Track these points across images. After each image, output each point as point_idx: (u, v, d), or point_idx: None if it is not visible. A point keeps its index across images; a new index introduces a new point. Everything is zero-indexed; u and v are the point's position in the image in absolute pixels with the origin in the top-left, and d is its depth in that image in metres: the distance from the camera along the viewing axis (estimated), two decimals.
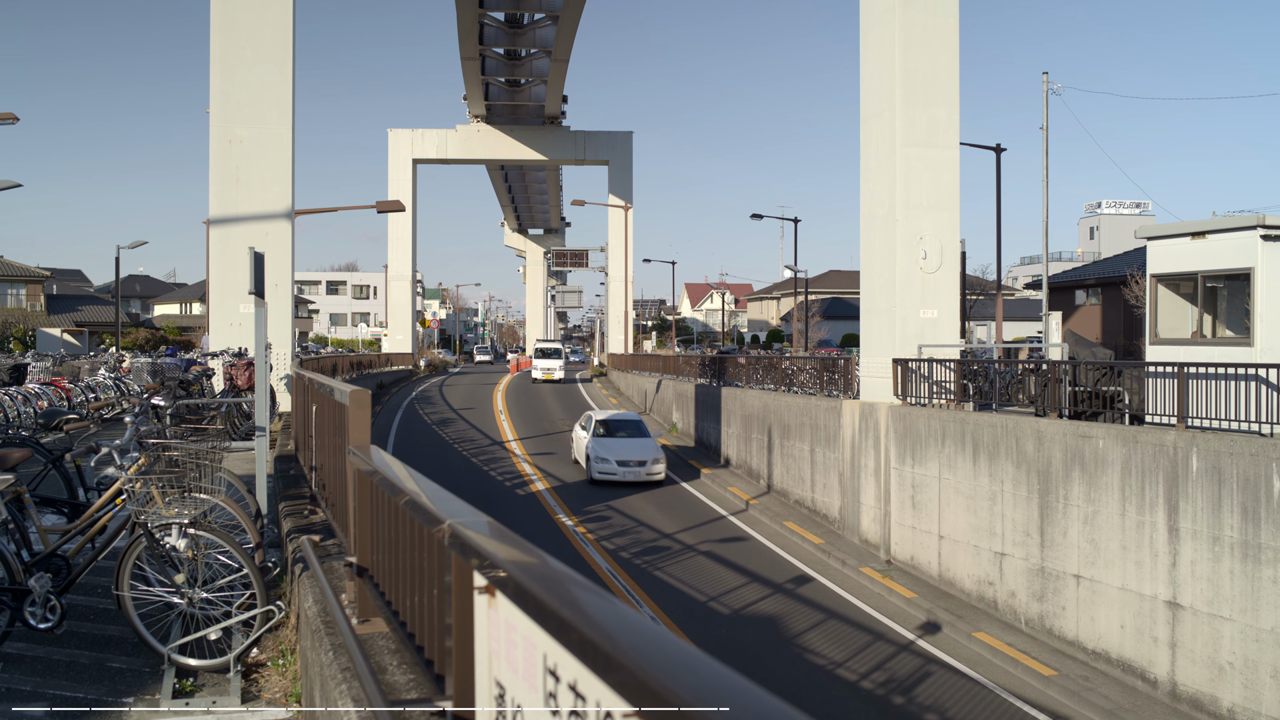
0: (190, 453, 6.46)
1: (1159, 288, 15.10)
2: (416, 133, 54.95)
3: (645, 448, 23.38)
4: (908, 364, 17.49)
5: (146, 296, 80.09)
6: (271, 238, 17.85)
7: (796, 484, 21.45)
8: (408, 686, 3.77)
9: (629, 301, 56.38)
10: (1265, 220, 13.35)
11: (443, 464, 24.79)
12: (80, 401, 17.57)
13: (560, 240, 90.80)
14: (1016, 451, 14.11)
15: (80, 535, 6.18)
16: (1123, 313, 35.21)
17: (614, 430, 24.23)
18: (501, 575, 2.21)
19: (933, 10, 17.97)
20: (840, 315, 74.14)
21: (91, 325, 56.88)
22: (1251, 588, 10.57)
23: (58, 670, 5.91)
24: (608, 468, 22.48)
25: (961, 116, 18.34)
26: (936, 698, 11.78)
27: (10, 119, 18.63)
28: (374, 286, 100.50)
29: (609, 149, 55.98)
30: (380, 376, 44.66)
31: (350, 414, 5.45)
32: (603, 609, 1.75)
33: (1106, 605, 12.43)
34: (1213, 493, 11.02)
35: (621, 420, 25.11)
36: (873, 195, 18.68)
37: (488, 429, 32.36)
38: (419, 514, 3.33)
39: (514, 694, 2.14)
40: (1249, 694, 10.56)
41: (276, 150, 18.35)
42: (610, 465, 22.48)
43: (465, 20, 42.67)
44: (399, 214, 42.59)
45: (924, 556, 16.30)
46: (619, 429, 24.40)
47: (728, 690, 1.30)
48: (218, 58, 18.17)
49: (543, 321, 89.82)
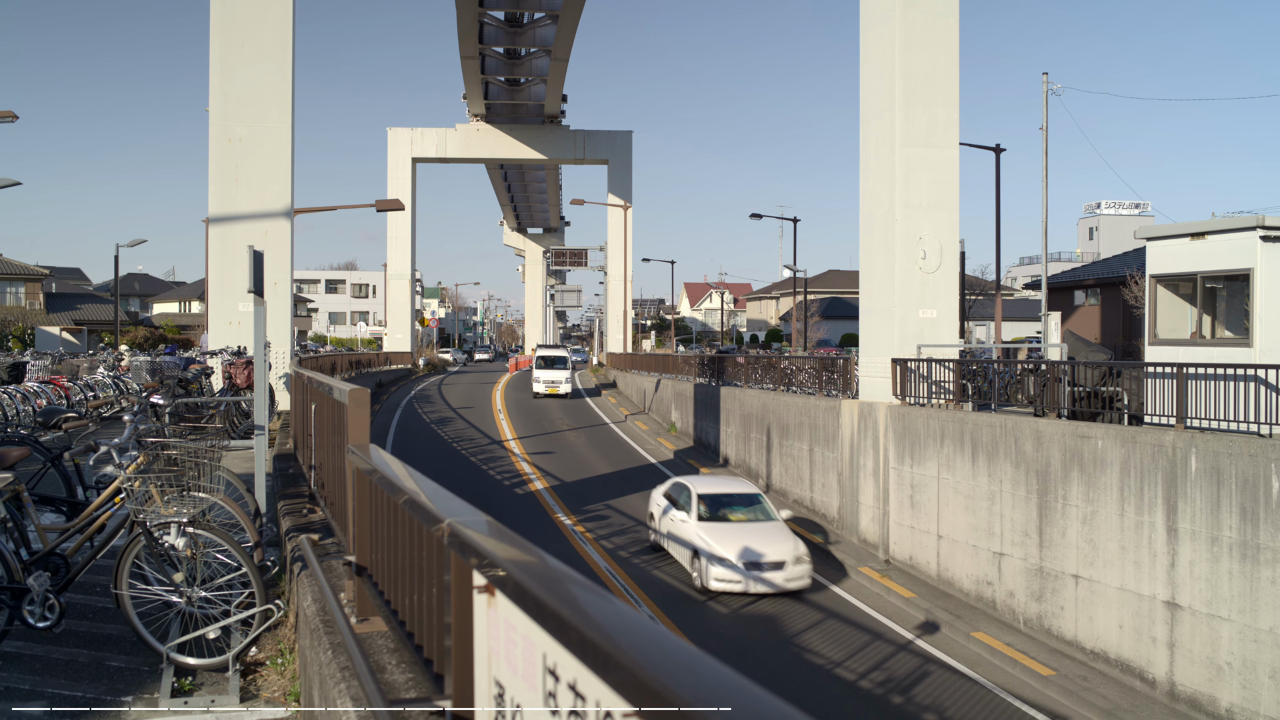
0: (189, 451, 6.46)
1: (1158, 288, 15.10)
2: (416, 131, 54.94)
3: (776, 537, 15.58)
4: (907, 364, 17.49)
5: (145, 295, 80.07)
6: (271, 236, 17.84)
7: (795, 483, 21.46)
8: (407, 686, 3.77)
9: (628, 301, 56.36)
10: (1264, 221, 13.36)
11: (442, 463, 24.78)
12: (79, 400, 17.56)
13: (559, 239, 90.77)
14: (1015, 451, 14.11)
15: (79, 534, 6.18)
16: (1122, 313, 35.23)
17: (723, 509, 16.41)
18: (501, 574, 2.21)
19: (932, 10, 17.97)
20: (839, 315, 74.13)
21: (90, 324, 56.85)
22: (1250, 588, 10.57)
23: (56, 669, 5.90)
24: (729, 574, 14.91)
25: (961, 117, 18.36)
26: (935, 697, 11.78)
27: (10, 117, 18.61)
28: (373, 285, 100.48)
29: (608, 148, 55.98)
30: (379, 375, 44.65)
31: (349, 413, 5.44)
32: (602, 608, 1.75)
33: (1105, 605, 12.43)
34: (1211, 493, 11.02)
35: (733, 495, 16.97)
36: (872, 195, 18.68)
37: (487, 428, 32.36)
38: (418, 513, 3.32)
39: (513, 693, 2.14)
40: (1247, 694, 10.57)
41: (276, 149, 18.34)
42: (732, 570, 14.91)
43: (465, 19, 42.66)
44: (398, 213, 42.62)
45: (923, 556, 16.30)
46: (730, 507, 16.55)
47: (728, 690, 1.30)
48: (217, 57, 18.16)
49: (542, 320, 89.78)
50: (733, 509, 16.48)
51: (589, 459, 26.97)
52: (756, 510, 16.58)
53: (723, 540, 15.25)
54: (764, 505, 16.77)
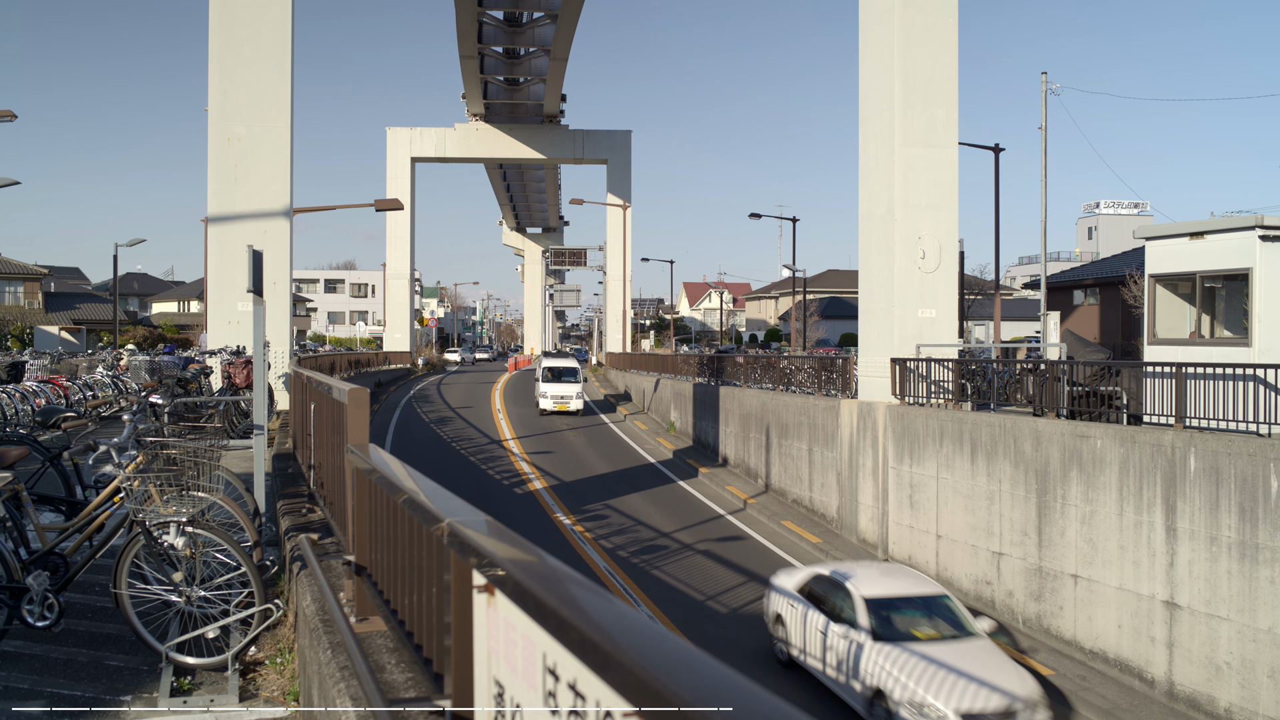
0: (188, 451, 6.46)
1: (1157, 288, 15.10)
2: (415, 131, 54.93)
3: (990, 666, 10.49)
4: (906, 363, 17.50)
5: (144, 294, 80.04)
6: (270, 236, 17.83)
7: (794, 483, 21.46)
8: (406, 685, 3.76)
9: (627, 301, 56.34)
10: (1263, 221, 13.36)
11: (441, 462, 24.78)
12: (78, 399, 17.55)
13: (559, 239, 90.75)
14: (1014, 451, 14.12)
15: (78, 533, 6.18)
16: (1121, 313, 35.25)
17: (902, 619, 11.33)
18: (500, 574, 2.21)
19: (932, 10, 17.97)
20: (838, 315, 74.13)
21: (89, 323, 56.83)
22: (1249, 588, 10.58)
23: (55, 668, 5.90)
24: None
25: (960, 116, 18.35)
26: None
27: (9, 116, 18.61)
28: (372, 285, 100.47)
29: (607, 148, 55.97)
30: (378, 375, 44.64)
31: (349, 412, 5.44)
32: (602, 608, 1.75)
33: (1104, 605, 12.44)
34: (1210, 493, 11.03)
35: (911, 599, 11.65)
36: (871, 195, 18.68)
37: (486, 428, 32.35)
38: (417, 512, 3.32)
39: (513, 693, 2.14)
40: (1246, 694, 10.58)
41: (275, 148, 18.33)
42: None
43: (464, 19, 42.65)
44: (397, 212, 42.56)
45: (922, 556, 16.31)
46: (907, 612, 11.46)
47: (728, 689, 1.30)
48: (216, 56, 18.15)
49: (541, 320, 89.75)
50: (914, 618, 11.42)
51: (588, 459, 26.97)
52: (948, 619, 11.49)
53: (922, 678, 10.16)
54: (955, 610, 11.66)
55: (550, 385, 35.31)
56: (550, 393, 35.03)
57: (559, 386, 35.26)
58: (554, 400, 34.92)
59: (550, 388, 35.21)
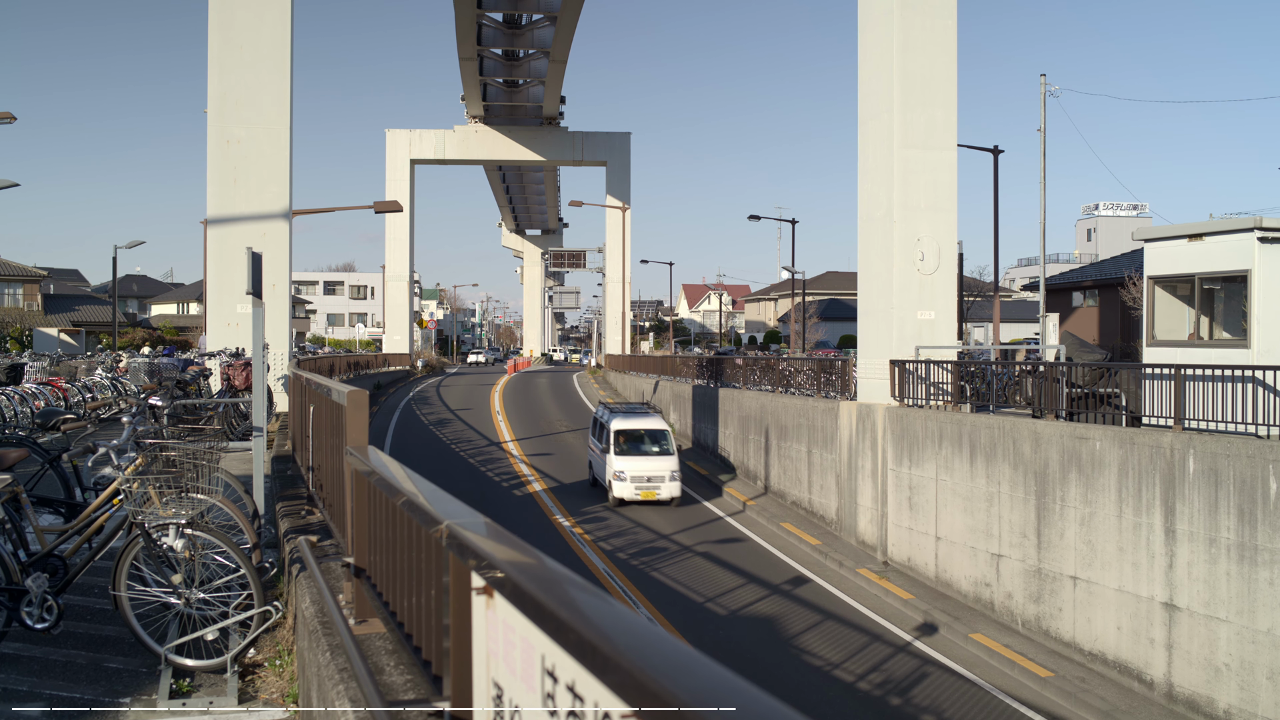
0: (187, 453, 6.46)
1: (1156, 290, 15.11)
2: (414, 133, 54.94)
3: None
4: (905, 365, 17.50)
5: (144, 296, 79.97)
6: (269, 238, 17.84)
7: (794, 485, 21.46)
8: (405, 687, 3.77)
9: (626, 302, 56.34)
10: (1262, 223, 13.36)
11: (440, 464, 24.78)
12: (77, 401, 17.55)
13: (558, 241, 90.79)
14: (1013, 453, 14.12)
15: (77, 535, 6.18)
16: (1120, 314, 35.26)
17: None
18: (499, 576, 2.21)
19: (931, 12, 17.98)
20: (838, 316, 74.13)
21: (88, 325, 56.80)
22: (1248, 589, 10.58)
23: (54, 670, 5.90)
24: None
25: (959, 118, 18.36)
26: (933, 698, 11.79)
27: (8, 118, 18.61)
28: (371, 287, 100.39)
29: (606, 150, 56.00)
30: (378, 377, 44.63)
31: (348, 414, 5.44)
32: (601, 610, 1.75)
33: (1103, 607, 12.44)
34: (1209, 494, 11.03)
35: None
36: (870, 197, 18.69)
37: (485, 430, 32.35)
38: (417, 514, 3.33)
39: (512, 695, 2.14)
40: (1245, 695, 10.58)
41: (274, 150, 18.34)
42: None
43: (463, 21, 42.68)
44: (397, 214, 42.59)
45: (921, 558, 16.31)
46: None
47: (726, 691, 1.30)
48: (216, 58, 18.16)
49: (540, 322, 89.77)
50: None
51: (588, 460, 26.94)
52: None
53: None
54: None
55: (628, 461, 20.92)
56: (630, 471, 20.76)
57: (642, 462, 21.02)
58: (637, 485, 20.70)
59: (629, 464, 20.87)
